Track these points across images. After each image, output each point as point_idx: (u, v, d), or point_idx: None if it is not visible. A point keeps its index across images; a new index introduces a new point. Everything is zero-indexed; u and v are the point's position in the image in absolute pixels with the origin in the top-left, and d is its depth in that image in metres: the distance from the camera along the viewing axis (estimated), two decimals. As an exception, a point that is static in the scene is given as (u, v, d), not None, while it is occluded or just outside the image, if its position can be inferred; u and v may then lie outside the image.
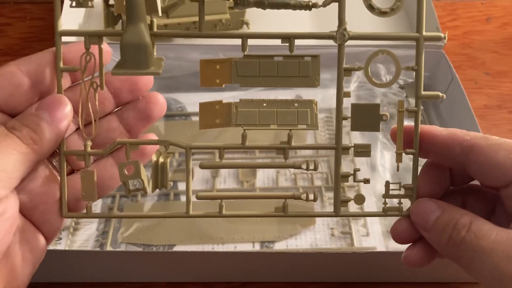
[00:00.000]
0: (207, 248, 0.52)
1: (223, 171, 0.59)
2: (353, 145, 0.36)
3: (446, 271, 0.49)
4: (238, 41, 0.34)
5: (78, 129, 0.36)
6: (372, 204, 0.55)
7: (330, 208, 0.36)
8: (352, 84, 0.65)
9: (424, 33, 0.35)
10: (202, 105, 0.35)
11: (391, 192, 0.36)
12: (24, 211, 0.34)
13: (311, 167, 0.36)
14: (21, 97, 0.34)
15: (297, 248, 0.52)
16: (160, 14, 0.34)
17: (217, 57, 0.35)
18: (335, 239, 0.53)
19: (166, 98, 0.37)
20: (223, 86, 0.35)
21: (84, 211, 0.36)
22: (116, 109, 0.37)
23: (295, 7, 0.34)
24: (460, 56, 0.72)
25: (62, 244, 0.52)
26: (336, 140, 0.36)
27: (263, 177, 0.58)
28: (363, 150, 0.35)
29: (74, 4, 0.34)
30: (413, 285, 0.50)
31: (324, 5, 0.34)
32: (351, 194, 0.55)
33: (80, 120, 0.35)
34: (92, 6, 0.34)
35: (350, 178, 0.36)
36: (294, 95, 0.64)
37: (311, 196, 0.36)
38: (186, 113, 0.64)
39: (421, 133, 0.35)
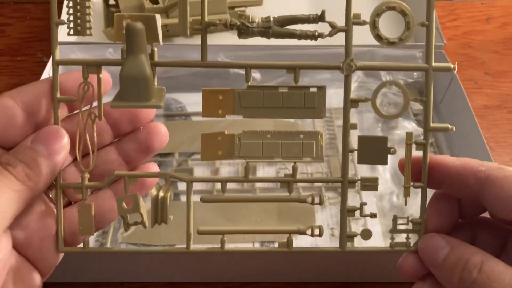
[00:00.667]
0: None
1: (223, 171, 0.59)
2: (359, 178, 0.34)
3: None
4: (237, 41, 0.34)
5: (75, 160, 0.34)
6: (372, 204, 0.54)
7: (330, 209, 0.36)
8: (352, 84, 0.65)
9: (433, 64, 0.33)
10: (204, 136, 0.34)
11: (398, 227, 0.34)
12: (18, 248, 0.32)
13: (317, 200, 0.34)
14: (15, 129, 0.32)
15: (297, 248, 0.52)
16: (161, 43, 0.33)
17: (216, 59, 0.34)
18: (335, 239, 0.53)
19: (166, 98, 0.37)
20: (226, 117, 0.34)
21: (82, 245, 0.34)
22: (115, 140, 0.36)
23: (300, 37, 0.33)
24: (460, 56, 0.70)
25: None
26: (342, 173, 0.34)
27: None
28: (370, 184, 0.34)
29: (72, 32, 0.32)
30: (412, 285, 0.50)
31: (330, 35, 0.33)
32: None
33: (77, 151, 0.33)
34: (90, 35, 0.32)
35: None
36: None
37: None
38: (186, 113, 0.63)
39: (432, 163, 0.34)
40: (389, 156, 0.58)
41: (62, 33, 0.34)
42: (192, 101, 0.64)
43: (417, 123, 0.61)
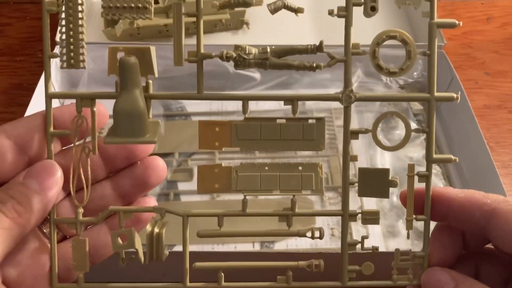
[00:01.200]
0: (207, 248, 0.51)
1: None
2: (360, 211, 0.33)
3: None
4: (236, 41, 0.34)
5: (69, 194, 0.33)
6: (372, 204, 0.54)
7: (329, 208, 0.36)
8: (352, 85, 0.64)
9: (435, 94, 0.32)
10: (201, 168, 0.33)
11: (401, 261, 0.33)
12: (10, 286, 0.31)
13: (317, 235, 0.33)
14: (7, 165, 0.31)
15: (297, 248, 0.52)
16: (156, 75, 0.32)
17: (216, 60, 0.34)
18: (335, 239, 0.52)
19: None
20: (222, 149, 0.33)
21: (77, 280, 0.33)
22: (110, 175, 0.34)
23: (298, 68, 0.32)
24: (460, 56, 0.69)
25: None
26: (342, 207, 0.33)
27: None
28: (372, 218, 0.33)
29: (65, 65, 0.31)
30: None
31: (329, 65, 0.32)
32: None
33: (71, 186, 0.32)
34: (84, 67, 0.31)
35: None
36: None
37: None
38: (186, 113, 0.62)
39: (435, 196, 0.32)
40: (389, 157, 0.59)
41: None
42: (192, 101, 0.64)
43: (417, 123, 0.61)
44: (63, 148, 0.33)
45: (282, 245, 0.51)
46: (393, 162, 0.57)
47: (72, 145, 0.32)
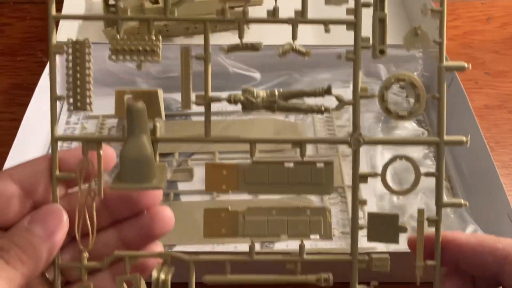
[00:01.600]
0: (207, 248, 0.50)
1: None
2: (370, 257, 0.33)
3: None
4: (237, 41, 0.34)
5: (73, 238, 0.32)
6: (372, 204, 0.54)
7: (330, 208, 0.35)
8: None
9: (445, 137, 0.32)
10: (207, 212, 0.32)
11: None
12: None
13: (325, 283, 0.33)
14: (13, 209, 0.30)
15: (297, 248, 0.52)
16: (163, 118, 0.32)
17: (216, 59, 0.33)
18: (335, 239, 0.51)
19: (166, 98, 0.36)
20: (229, 192, 0.32)
21: None
22: (116, 221, 0.34)
23: (306, 111, 0.32)
24: (460, 56, 0.69)
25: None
26: (351, 250, 0.33)
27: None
28: (380, 264, 0.33)
29: (71, 108, 0.31)
30: (414, 285, 0.50)
31: (337, 109, 0.32)
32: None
33: (76, 231, 0.31)
34: (91, 110, 0.31)
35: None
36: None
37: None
38: (186, 113, 0.61)
39: (445, 241, 0.32)
40: (388, 153, 0.58)
41: (63, 32, 0.34)
42: (192, 101, 0.64)
43: (417, 123, 0.61)
44: (68, 191, 0.33)
45: (282, 245, 0.51)
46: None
47: (77, 188, 0.32)
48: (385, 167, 0.32)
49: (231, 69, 0.62)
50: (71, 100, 0.31)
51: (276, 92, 0.32)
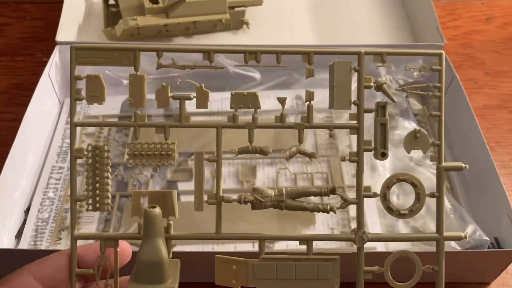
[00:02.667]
0: (207, 248, 0.50)
1: (223, 171, 0.59)
2: None
3: (449, 272, 0.48)
4: (237, 42, 0.34)
5: None
6: (372, 204, 0.54)
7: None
8: (353, 84, 0.64)
9: (444, 233, 0.33)
10: (219, 260, 0.34)
11: None
12: None
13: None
14: None
15: (297, 248, 0.52)
16: (177, 216, 0.34)
17: (217, 59, 0.34)
18: None
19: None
20: (239, 287, 0.34)
21: None
22: None
23: (312, 210, 0.34)
24: (460, 56, 0.69)
25: (61, 244, 0.50)
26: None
27: (263, 177, 0.57)
28: None
29: (90, 208, 0.33)
30: (414, 285, 0.50)
31: (342, 207, 0.34)
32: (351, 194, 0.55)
33: None
34: (109, 210, 0.34)
35: None
36: (294, 95, 0.64)
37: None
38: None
39: None
40: (389, 157, 0.58)
41: (62, 32, 0.34)
42: (192, 101, 0.64)
43: (417, 123, 0.61)
44: (86, 284, 0.35)
45: (282, 245, 0.51)
46: (393, 162, 0.57)
47: (95, 284, 0.33)
48: (388, 263, 0.34)
49: (231, 69, 0.62)
50: (90, 201, 0.33)
51: (284, 191, 0.34)
